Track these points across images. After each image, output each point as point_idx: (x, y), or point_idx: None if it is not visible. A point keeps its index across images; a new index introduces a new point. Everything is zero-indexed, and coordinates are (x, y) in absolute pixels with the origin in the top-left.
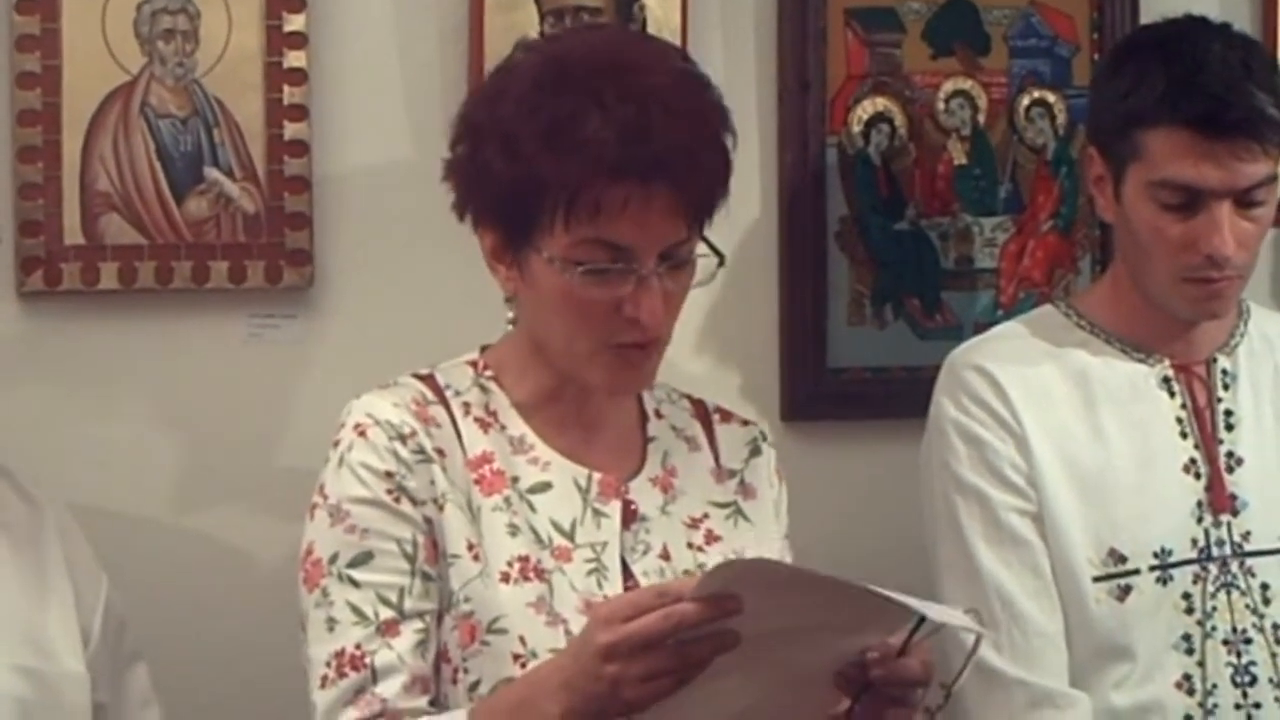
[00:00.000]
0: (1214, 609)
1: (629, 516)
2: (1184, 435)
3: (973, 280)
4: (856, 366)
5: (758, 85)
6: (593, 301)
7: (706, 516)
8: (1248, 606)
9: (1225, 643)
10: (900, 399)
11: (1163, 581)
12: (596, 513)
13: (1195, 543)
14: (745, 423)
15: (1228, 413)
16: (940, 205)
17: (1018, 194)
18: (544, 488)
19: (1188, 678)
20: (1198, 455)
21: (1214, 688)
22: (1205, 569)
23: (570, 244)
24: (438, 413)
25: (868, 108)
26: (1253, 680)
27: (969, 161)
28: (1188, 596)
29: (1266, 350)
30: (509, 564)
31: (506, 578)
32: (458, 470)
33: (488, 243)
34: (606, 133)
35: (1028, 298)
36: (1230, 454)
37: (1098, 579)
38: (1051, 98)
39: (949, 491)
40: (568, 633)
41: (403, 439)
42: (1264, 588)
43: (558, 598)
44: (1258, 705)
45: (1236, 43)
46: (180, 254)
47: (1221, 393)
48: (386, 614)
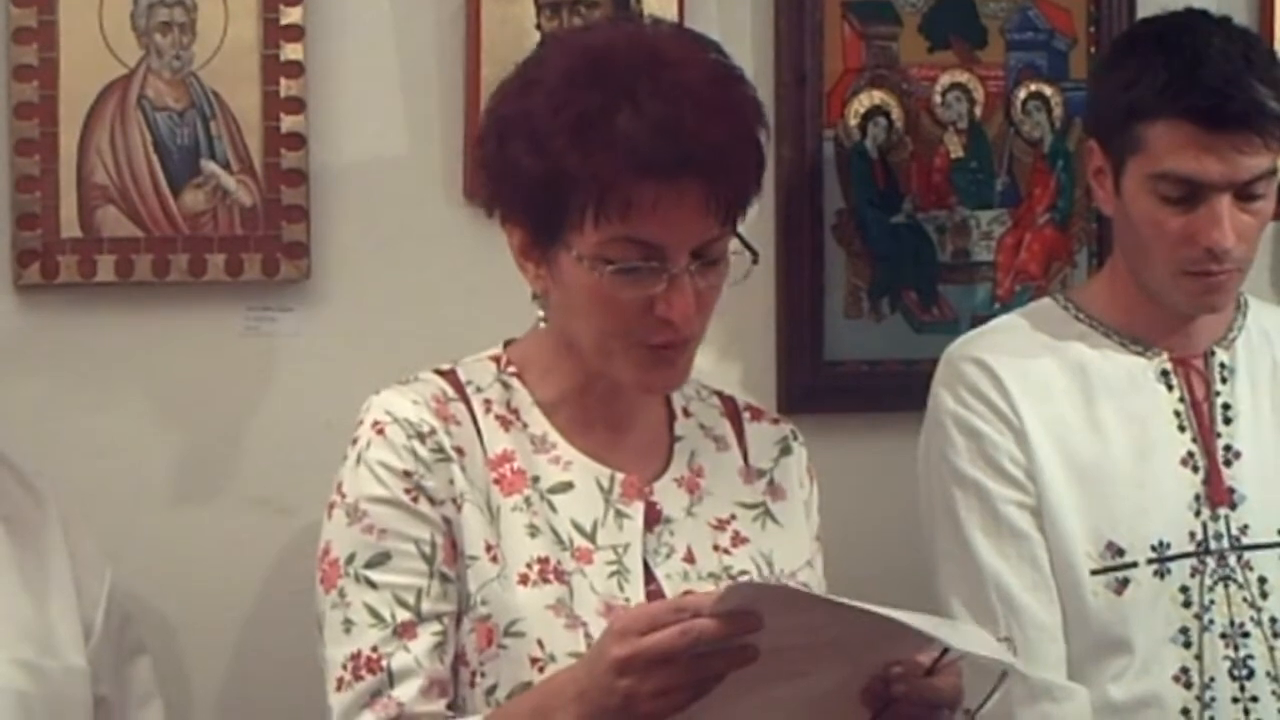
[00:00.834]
0: (1212, 602)
1: (652, 518)
2: (1182, 428)
3: (970, 273)
4: (853, 359)
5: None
6: (623, 301)
7: (734, 518)
8: (1245, 600)
9: (1223, 636)
10: (897, 392)
11: (1160, 575)
12: (619, 514)
13: (1193, 536)
14: (776, 421)
15: (1226, 406)
16: (937, 198)
17: (1014, 187)
18: (565, 488)
19: (1185, 671)
20: (1195, 448)
21: (1211, 681)
22: (1203, 562)
23: (600, 242)
24: (458, 410)
25: (864, 101)
26: (1250, 673)
27: (966, 155)
28: (1185, 590)
29: (1265, 344)
30: (528, 565)
31: (525, 579)
32: (477, 469)
33: (516, 240)
34: (638, 129)
35: (1024, 291)
36: (1228, 447)
37: (1095, 572)
38: (1048, 91)
39: (947, 484)
40: (587, 636)
41: (421, 437)
42: (1261, 581)
43: (578, 600)
44: (1255, 698)
45: (1237, 36)
46: (177, 247)
47: (1220, 386)
48: (404, 616)
